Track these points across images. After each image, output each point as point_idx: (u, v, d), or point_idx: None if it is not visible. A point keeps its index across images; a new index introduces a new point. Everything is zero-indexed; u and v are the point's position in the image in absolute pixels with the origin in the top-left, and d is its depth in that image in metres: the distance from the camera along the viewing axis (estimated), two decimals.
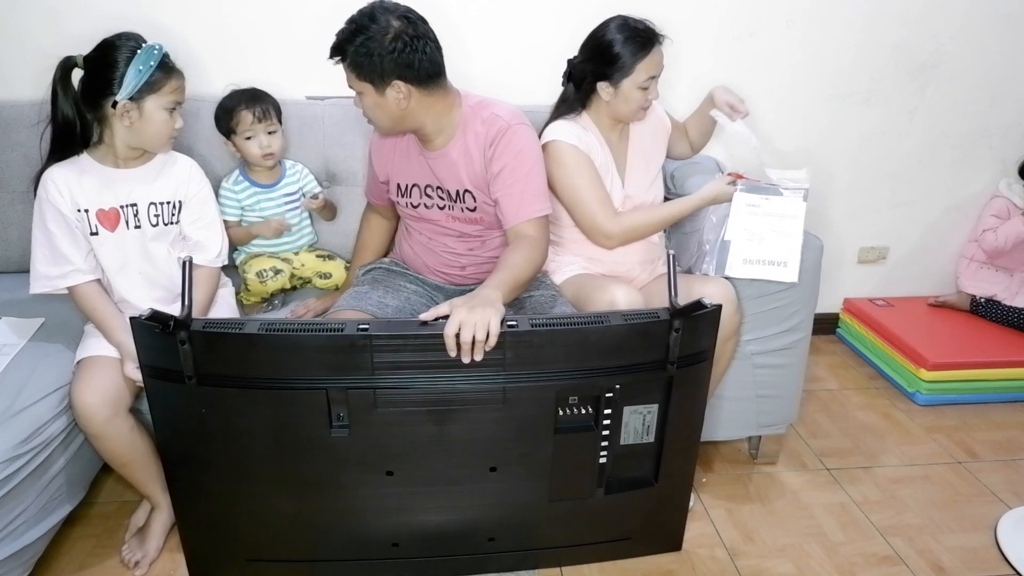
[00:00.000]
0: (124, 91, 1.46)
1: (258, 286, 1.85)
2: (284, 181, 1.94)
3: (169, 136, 1.56)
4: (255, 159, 1.85)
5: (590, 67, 1.77)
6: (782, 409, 1.90)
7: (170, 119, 1.53)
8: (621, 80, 1.73)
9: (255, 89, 1.87)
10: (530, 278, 1.57)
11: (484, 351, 1.27)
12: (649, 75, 1.74)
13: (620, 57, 1.71)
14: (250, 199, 1.90)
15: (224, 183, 1.90)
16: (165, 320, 1.21)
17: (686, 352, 1.37)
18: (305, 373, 1.29)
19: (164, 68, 1.49)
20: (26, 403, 1.42)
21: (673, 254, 1.39)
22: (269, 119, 1.84)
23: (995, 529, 1.78)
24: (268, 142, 1.84)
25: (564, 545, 1.59)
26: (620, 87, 1.74)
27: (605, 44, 1.73)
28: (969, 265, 2.64)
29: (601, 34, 1.75)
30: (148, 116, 1.50)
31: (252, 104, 1.82)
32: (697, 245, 1.85)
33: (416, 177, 1.70)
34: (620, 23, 1.73)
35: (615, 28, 1.73)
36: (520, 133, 1.61)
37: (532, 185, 1.61)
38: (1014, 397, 2.36)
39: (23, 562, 1.42)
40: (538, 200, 1.62)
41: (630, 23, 1.73)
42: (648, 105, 1.80)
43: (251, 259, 1.89)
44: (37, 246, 1.56)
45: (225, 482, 1.40)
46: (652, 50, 1.72)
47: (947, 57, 2.41)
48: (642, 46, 1.71)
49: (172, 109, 1.53)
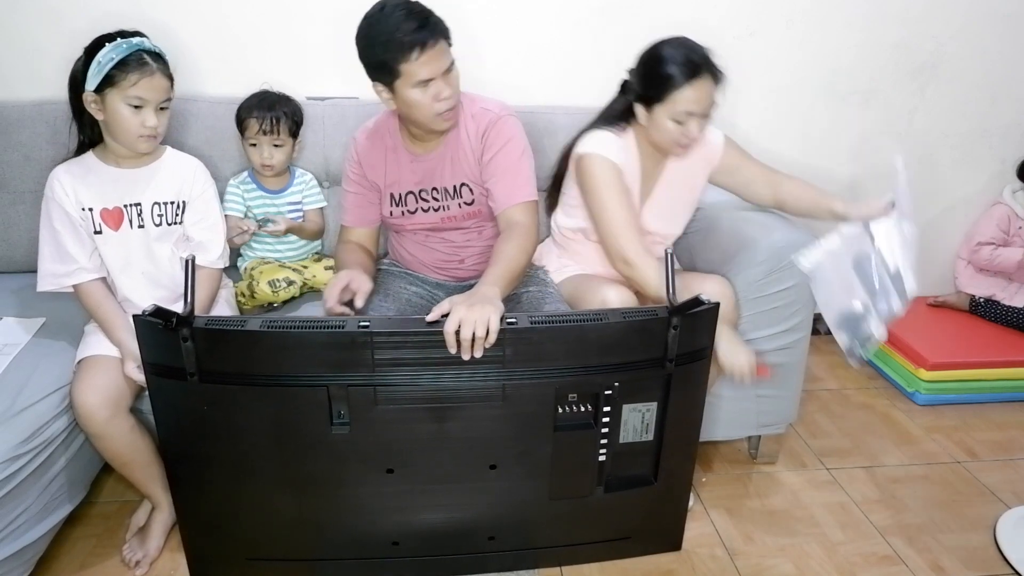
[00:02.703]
0: (88, 82, 1.47)
1: (269, 295, 1.82)
2: (291, 189, 1.94)
3: (137, 134, 1.51)
4: (255, 166, 1.87)
5: (635, 81, 1.67)
6: (782, 409, 1.90)
7: (134, 115, 1.49)
8: (655, 105, 1.62)
9: (278, 95, 1.86)
10: (524, 267, 1.59)
11: (484, 348, 1.28)
12: (687, 109, 1.59)
13: (660, 79, 1.59)
14: (255, 201, 1.90)
15: (232, 180, 1.91)
16: (168, 316, 1.21)
17: (685, 350, 1.38)
18: (306, 370, 1.29)
19: (128, 63, 1.46)
20: (27, 403, 1.43)
21: (671, 252, 1.40)
22: (276, 133, 1.82)
23: (994, 529, 1.78)
24: (270, 154, 1.84)
25: (564, 544, 1.59)
26: (653, 113, 1.64)
27: (653, 59, 1.62)
28: (967, 267, 2.65)
29: (655, 48, 1.63)
30: (111, 111, 1.49)
31: (264, 112, 1.81)
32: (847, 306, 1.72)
33: (409, 184, 1.71)
34: (678, 42, 1.60)
35: (670, 45, 1.60)
36: (508, 123, 1.66)
37: (521, 171, 1.65)
38: (1014, 397, 2.36)
39: (24, 561, 1.43)
40: (527, 185, 1.65)
41: (688, 44, 1.59)
42: (687, 143, 1.66)
43: (261, 265, 1.88)
44: (44, 244, 1.57)
45: (226, 480, 1.41)
46: (695, 81, 1.57)
47: (947, 57, 2.41)
48: (687, 74, 1.56)
49: (137, 106, 1.49)
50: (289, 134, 1.86)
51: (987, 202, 2.63)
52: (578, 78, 2.23)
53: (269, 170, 1.87)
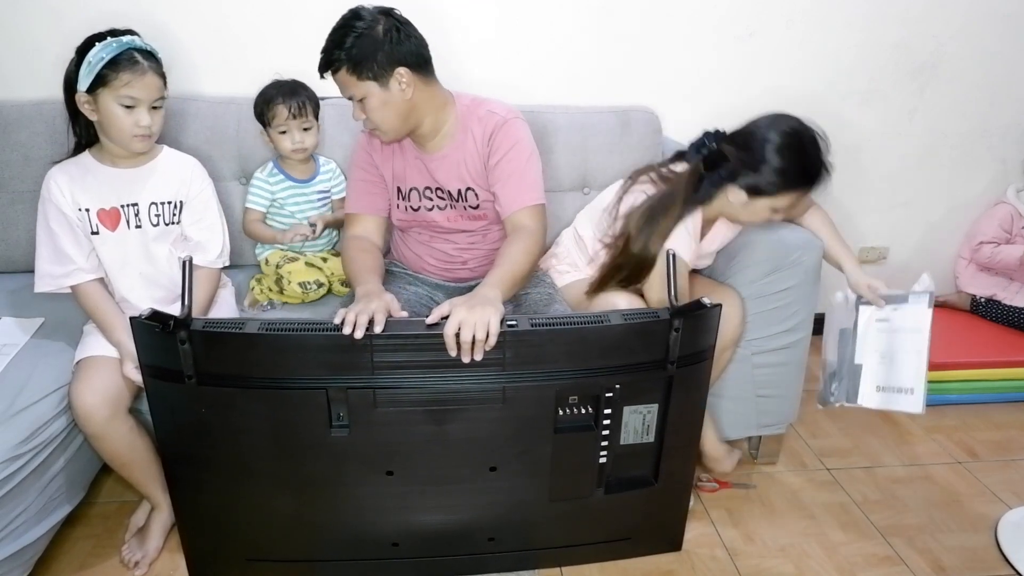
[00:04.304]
0: (80, 83, 1.47)
1: (298, 295, 1.84)
2: (319, 177, 1.96)
3: (131, 134, 1.51)
4: (286, 153, 1.87)
5: (734, 160, 1.56)
6: (782, 409, 1.90)
7: (127, 115, 1.49)
8: (762, 198, 1.56)
9: (295, 82, 1.87)
10: (529, 271, 1.58)
11: (484, 350, 1.27)
12: (790, 204, 1.56)
13: (779, 175, 1.52)
14: (284, 192, 1.91)
15: (257, 173, 1.92)
16: (165, 319, 1.21)
17: (686, 352, 1.37)
18: (305, 372, 1.28)
19: (119, 63, 1.46)
20: (26, 403, 1.42)
21: (672, 253, 1.39)
22: (304, 115, 1.84)
23: (995, 529, 1.78)
24: (301, 138, 1.85)
25: (564, 545, 1.58)
26: (756, 203, 1.57)
27: (774, 149, 1.52)
28: (968, 267, 2.64)
29: (776, 136, 1.53)
30: (104, 110, 1.49)
31: (289, 98, 1.82)
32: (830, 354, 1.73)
33: (415, 181, 1.70)
34: (812, 139, 1.53)
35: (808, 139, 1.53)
36: (516, 126, 1.64)
37: (528, 175, 1.63)
38: (1014, 397, 2.35)
39: (23, 562, 1.42)
40: (534, 189, 1.64)
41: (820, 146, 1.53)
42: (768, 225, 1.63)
43: (286, 262, 1.88)
44: (41, 245, 1.57)
45: (225, 482, 1.40)
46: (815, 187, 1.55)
47: (947, 57, 2.41)
48: (809, 183, 1.54)
49: (130, 106, 1.48)
50: (314, 115, 1.87)
51: (987, 202, 2.63)
52: (578, 78, 2.22)
53: (301, 154, 1.88)
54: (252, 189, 1.91)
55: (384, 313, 1.29)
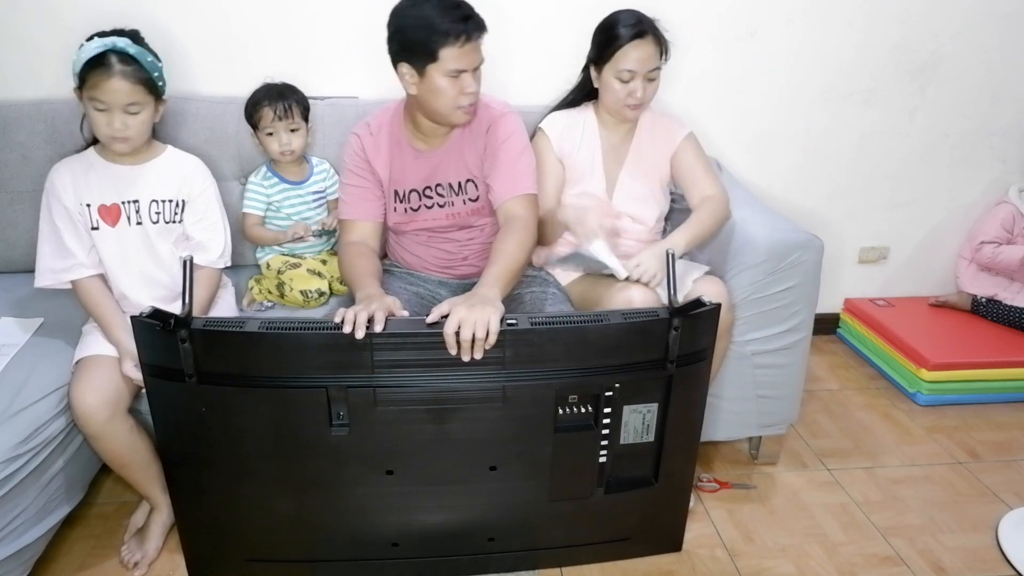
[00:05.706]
0: (74, 81, 1.49)
1: (300, 302, 1.84)
2: (313, 178, 1.96)
3: (106, 135, 1.51)
4: (274, 155, 1.87)
5: (591, 49, 1.78)
6: (782, 409, 1.90)
7: (100, 117, 1.49)
8: (604, 66, 1.74)
9: (284, 85, 1.88)
10: (524, 264, 1.59)
11: (484, 349, 1.27)
12: (630, 67, 1.70)
13: (607, 39, 1.72)
14: (279, 195, 1.91)
15: (252, 177, 1.92)
16: (166, 318, 1.21)
17: (685, 351, 1.37)
18: (305, 371, 1.28)
19: (91, 65, 1.45)
20: (25, 403, 1.42)
21: (673, 253, 1.39)
22: (291, 117, 1.84)
23: (996, 529, 1.78)
24: (288, 140, 1.86)
25: (564, 545, 1.58)
26: (603, 75, 1.76)
27: (603, 24, 1.76)
28: (968, 267, 2.64)
29: (608, 16, 1.76)
30: (86, 111, 1.51)
31: (276, 101, 1.83)
32: None
33: (414, 182, 1.71)
34: (627, 10, 1.73)
35: (619, 12, 1.74)
36: (509, 119, 1.69)
37: (521, 165, 1.67)
38: (1015, 397, 2.35)
39: (22, 562, 1.42)
40: (526, 179, 1.67)
41: (635, 12, 1.73)
42: (634, 104, 1.74)
43: (288, 268, 1.88)
44: (43, 240, 1.57)
45: (225, 481, 1.40)
46: (638, 41, 1.69)
47: (947, 57, 2.41)
48: (630, 34, 1.69)
49: (102, 109, 1.48)
50: (302, 118, 1.88)
51: (988, 202, 2.62)
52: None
53: (289, 156, 1.87)
54: (248, 193, 1.91)
55: (384, 312, 1.29)
